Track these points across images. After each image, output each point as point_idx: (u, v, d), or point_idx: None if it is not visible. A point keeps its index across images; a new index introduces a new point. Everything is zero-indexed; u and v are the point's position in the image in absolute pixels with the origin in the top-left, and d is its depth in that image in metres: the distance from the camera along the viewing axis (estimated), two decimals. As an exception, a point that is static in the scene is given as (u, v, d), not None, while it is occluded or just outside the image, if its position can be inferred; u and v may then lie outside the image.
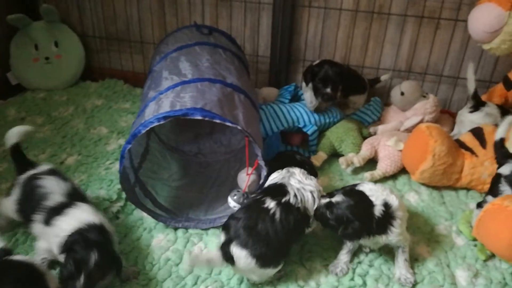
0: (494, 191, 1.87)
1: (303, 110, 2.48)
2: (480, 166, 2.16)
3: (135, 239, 1.90)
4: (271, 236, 1.55)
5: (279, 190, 1.69)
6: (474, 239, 1.91)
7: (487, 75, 2.65)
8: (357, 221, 1.57)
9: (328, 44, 2.83)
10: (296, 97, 2.73)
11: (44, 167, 1.82)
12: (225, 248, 1.54)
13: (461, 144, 2.22)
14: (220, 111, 1.75)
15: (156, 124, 1.70)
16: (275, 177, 1.79)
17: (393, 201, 1.64)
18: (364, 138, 2.51)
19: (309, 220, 1.70)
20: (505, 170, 1.88)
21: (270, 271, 1.59)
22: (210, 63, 2.12)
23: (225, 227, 1.60)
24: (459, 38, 2.59)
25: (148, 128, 1.71)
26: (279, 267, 1.62)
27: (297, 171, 1.77)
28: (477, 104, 2.39)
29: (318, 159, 2.36)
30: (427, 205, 2.14)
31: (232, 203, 1.90)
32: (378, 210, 1.60)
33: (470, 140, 2.22)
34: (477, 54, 2.59)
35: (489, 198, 1.87)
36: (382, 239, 1.66)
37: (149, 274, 1.73)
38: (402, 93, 2.52)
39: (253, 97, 2.13)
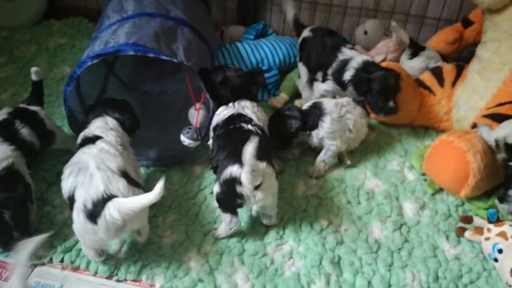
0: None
1: (268, 50, 2.46)
2: (438, 104, 2.21)
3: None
4: (265, 146, 1.63)
5: (243, 118, 1.74)
6: (425, 174, 1.99)
7: (453, 14, 2.65)
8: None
9: (297, -19, 2.76)
10: (263, 36, 2.70)
11: None
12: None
13: (420, 83, 2.26)
14: (155, 45, 1.72)
15: (89, 63, 1.68)
16: (223, 111, 1.80)
17: (326, 102, 1.97)
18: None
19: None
20: None
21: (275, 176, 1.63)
22: None
23: (232, 158, 1.56)
24: (426, -24, 2.56)
25: (82, 69, 1.70)
26: None
27: (248, 104, 1.81)
28: (416, 50, 2.41)
29: (279, 100, 2.38)
30: (384, 142, 2.21)
31: (186, 140, 1.86)
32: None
33: (428, 79, 2.26)
34: (444, -7, 2.57)
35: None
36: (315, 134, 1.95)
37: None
38: (366, 32, 2.51)
39: (202, 30, 2.08)
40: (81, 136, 1.67)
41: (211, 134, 1.83)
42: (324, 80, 2.17)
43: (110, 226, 1.39)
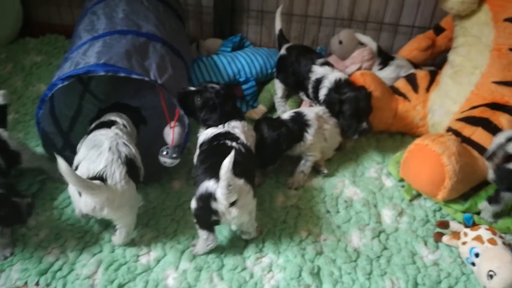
0: None
1: (244, 61, 2.47)
2: (413, 110, 2.24)
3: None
4: (247, 164, 1.64)
5: (230, 136, 1.72)
6: (402, 180, 2.01)
7: (426, 22, 2.69)
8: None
9: (272, -7, 2.79)
10: (240, 48, 2.71)
11: None
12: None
13: (394, 90, 2.29)
14: (126, 64, 1.71)
15: (60, 85, 1.67)
16: (212, 130, 1.77)
17: (309, 113, 1.99)
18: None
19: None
20: None
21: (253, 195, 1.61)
22: (126, 13, 2.07)
23: (209, 172, 1.55)
24: (398, -16, 2.60)
25: (53, 91, 1.68)
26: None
27: (239, 125, 1.78)
28: (385, 60, 2.45)
29: (257, 112, 2.39)
30: (361, 149, 2.22)
31: (167, 161, 1.80)
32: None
33: (403, 86, 2.29)
34: (415, 1, 2.62)
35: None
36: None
37: (85, 227, 1.76)
38: (340, 42, 2.54)
39: (175, 44, 2.07)
40: (94, 123, 1.78)
41: (198, 149, 1.81)
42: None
43: (88, 205, 1.53)
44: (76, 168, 1.57)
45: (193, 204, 1.57)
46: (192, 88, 1.81)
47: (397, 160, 2.06)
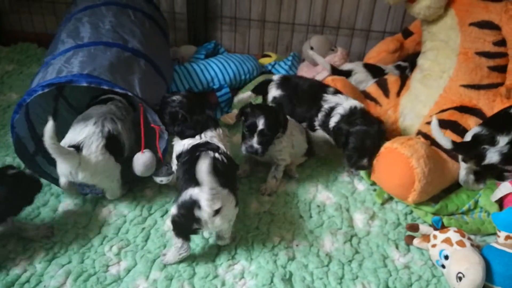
0: None
1: (217, 68, 2.47)
2: (384, 115, 2.27)
3: (41, 205, 1.88)
4: (230, 174, 1.66)
5: (210, 146, 1.72)
6: (374, 184, 2.03)
7: (397, 27, 2.73)
8: None
9: (244, 0, 2.80)
10: (215, 55, 2.71)
11: None
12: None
13: (366, 95, 2.31)
14: (110, 77, 1.69)
15: (40, 92, 1.64)
16: (189, 141, 1.76)
17: None
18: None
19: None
20: None
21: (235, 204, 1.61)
22: (112, 25, 2.05)
23: (193, 180, 1.51)
24: (368, -9, 2.65)
25: (32, 97, 1.65)
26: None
27: (215, 134, 1.78)
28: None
29: (232, 117, 2.39)
30: (334, 154, 2.23)
31: (164, 179, 1.84)
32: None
33: (374, 91, 2.32)
34: (386, 7, 2.66)
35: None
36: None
37: (54, 238, 1.72)
38: (312, 48, 2.56)
39: (158, 62, 2.06)
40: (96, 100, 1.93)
41: (175, 161, 1.80)
42: (313, 130, 2.13)
43: (64, 170, 1.71)
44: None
45: (174, 211, 1.55)
46: (157, 107, 1.80)
47: (369, 164, 2.07)
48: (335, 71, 2.45)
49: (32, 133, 1.94)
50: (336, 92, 2.10)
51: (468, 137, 1.85)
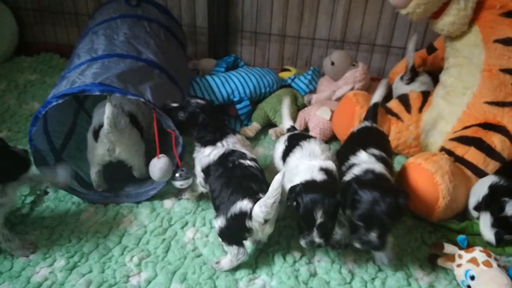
0: None
1: (238, 81, 2.48)
2: (406, 130, 2.25)
3: (63, 213, 1.88)
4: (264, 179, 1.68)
5: (237, 153, 1.73)
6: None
7: (418, 43, 2.71)
8: None
9: (265, 15, 2.83)
10: (234, 68, 2.73)
11: None
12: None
13: (387, 110, 2.30)
14: (121, 85, 1.71)
15: (54, 103, 1.67)
16: (213, 151, 1.76)
17: None
18: (300, 107, 2.56)
19: None
20: None
21: None
22: (127, 37, 2.08)
23: (240, 193, 1.57)
24: (389, 7, 2.63)
25: (47, 108, 1.68)
26: None
27: (236, 139, 1.80)
28: (414, 76, 2.48)
29: (251, 129, 2.39)
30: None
31: (184, 182, 1.84)
32: None
33: (396, 106, 2.30)
34: (407, 23, 2.66)
35: None
36: None
37: (75, 247, 1.72)
38: (333, 63, 2.56)
39: (173, 72, 2.07)
40: None
41: (201, 175, 1.80)
42: None
43: (104, 146, 1.84)
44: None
45: (221, 223, 1.59)
46: (174, 104, 1.81)
47: (390, 180, 2.05)
48: (413, 68, 2.45)
49: (51, 146, 1.96)
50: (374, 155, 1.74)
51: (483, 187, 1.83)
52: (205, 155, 1.77)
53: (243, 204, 1.53)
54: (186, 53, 2.64)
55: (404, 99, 2.32)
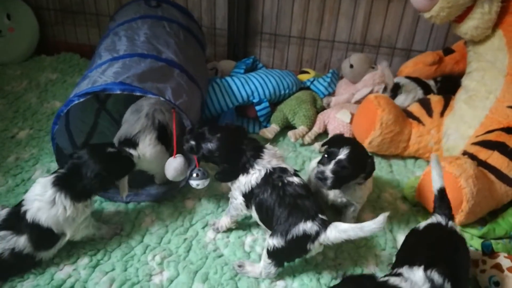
0: None
1: (257, 83, 2.49)
2: (427, 134, 2.23)
3: (85, 211, 1.90)
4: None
5: (278, 171, 1.65)
6: (417, 205, 1.98)
7: (439, 48, 2.71)
8: None
9: (285, 17, 2.83)
10: (253, 70, 2.74)
11: None
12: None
13: (408, 114, 2.29)
14: (142, 84, 1.72)
15: (76, 101, 1.69)
16: (250, 178, 1.66)
17: None
18: (319, 110, 2.56)
19: None
20: None
21: None
22: (147, 37, 2.10)
23: (300, 214, 1.54)
24: (411, 11, 2.63)
25: (69, 107, 1.70)
26: None
27: (269, 157, 1.70)
28: (394, 94, 2.49)
29: (270, 131, 2.39)
30: (375, 174, 2.19)
31: (200, 182, 1.80)
32: None
33: (417, 110, 2.29)
34: (428, 26, 2.64)
35: None
36: None
37: (97, 245, 1.74)
38: (351, 66, 2.55)
39: (193, 72, 2.07)
40: None
41: (241, 199, 1.70)
42: None
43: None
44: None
45: (277, 243, 1.53)
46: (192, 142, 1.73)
47: (411, 185, 2.03)
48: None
49: (73, 144, 1.99)
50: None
51: None
52: (243, 184, 1.67)
53: (307, 227, 1.50)
54: (206, 54, 2.65)
55: (425, 103, 2.30)
